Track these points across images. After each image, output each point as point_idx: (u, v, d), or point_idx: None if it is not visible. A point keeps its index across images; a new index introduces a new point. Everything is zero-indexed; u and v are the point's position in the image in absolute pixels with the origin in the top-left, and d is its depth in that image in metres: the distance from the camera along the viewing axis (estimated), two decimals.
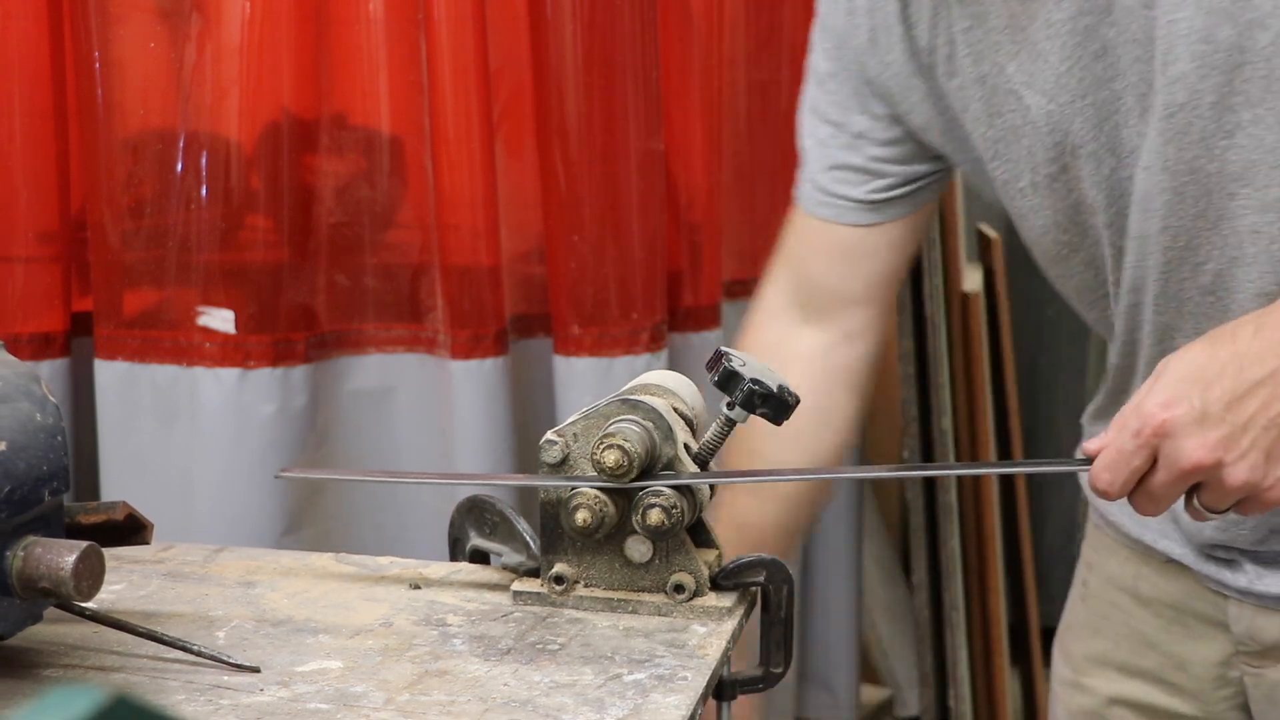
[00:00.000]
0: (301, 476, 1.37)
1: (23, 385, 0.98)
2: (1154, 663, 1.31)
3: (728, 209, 2.13)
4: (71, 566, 0.94)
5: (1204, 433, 0.97)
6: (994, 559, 2.46)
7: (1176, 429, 0.97)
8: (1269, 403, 0.97)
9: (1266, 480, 0.98)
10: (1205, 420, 0.97)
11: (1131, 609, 1.34)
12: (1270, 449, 0.97)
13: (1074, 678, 1.39)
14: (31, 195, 1.75)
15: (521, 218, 1.92)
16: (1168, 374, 1.00)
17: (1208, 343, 1.01)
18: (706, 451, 1.14)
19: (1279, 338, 0.99)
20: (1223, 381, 0.98)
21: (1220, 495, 0.99)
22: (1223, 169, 1.10)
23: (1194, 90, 1.09)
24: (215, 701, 0.96)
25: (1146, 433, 0.98)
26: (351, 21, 1.83)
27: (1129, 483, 1.00)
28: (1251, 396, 0.97)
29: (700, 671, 1.01)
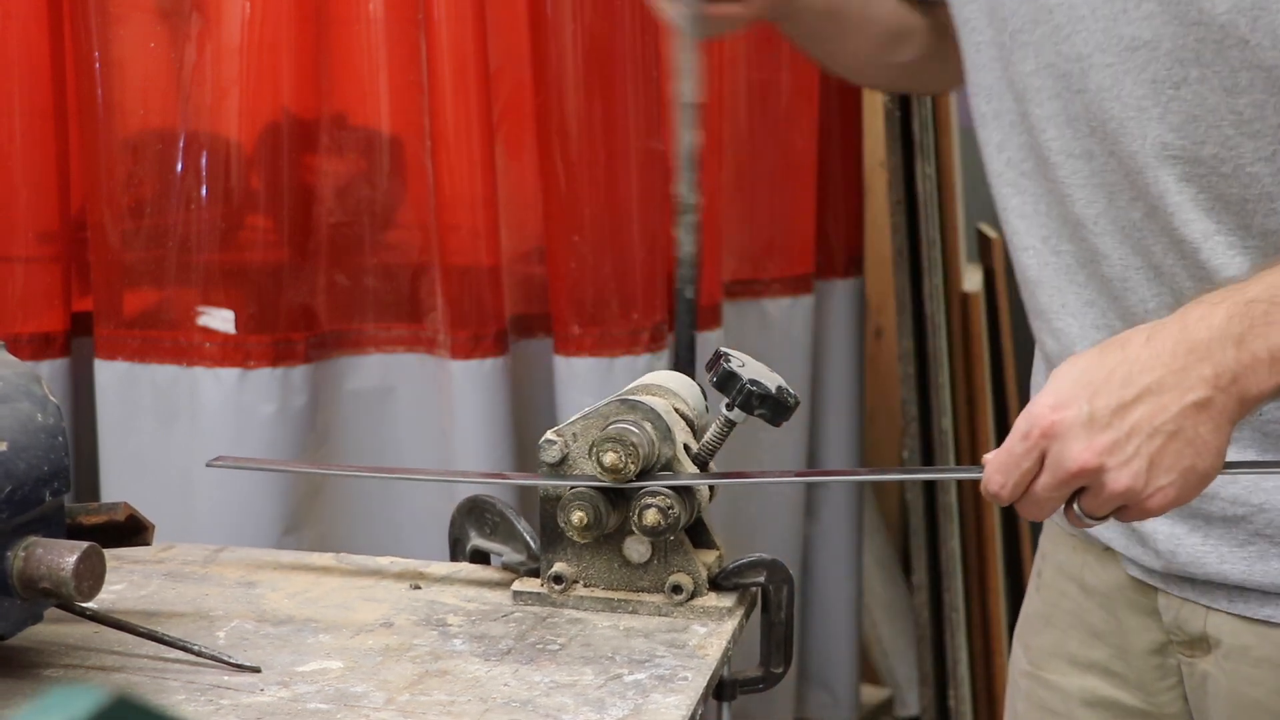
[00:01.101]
0: (234, 467, 1.37)
1: (23, 385, 0.98)
2: (1101, 654, 1.32)
3: (728, 209, 2.13)
4: (72, 567, 0.94)
5: (1091, 437, 0.97)
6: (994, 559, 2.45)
7: (1064, 431, 0.98)
8: (1155, 411, 0.97)
9: (1148, 489, 0.98)
10: (1093, 424, 0.97)
11: (1079, 598, 1.34)
12: (1154, 457, 0.98)
13: (1031, 669, 1.40)
14: (31, 195, 1.75)
15: (521, 218, 1.92)
16: (1058, 378, 1.00)
17: (1099, 350, 1.02)
18: (706, 452, 1.14)
19: (1168, 348, 0.99)
20: (1111, 387, 0.98)
21: (1101, 501, 0.99)
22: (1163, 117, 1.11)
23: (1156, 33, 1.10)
24: (216, 701, 0.96)
25: (1035, 434, 0.99)
26: (351, 21, 1.83)
27: (1020, 485, 1.01)
28: (1139, 404, 0.98)
29: (700, 671, 1.01)
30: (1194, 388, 0.98)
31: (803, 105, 2.21)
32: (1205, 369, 0.98)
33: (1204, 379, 0.98)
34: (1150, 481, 0.98)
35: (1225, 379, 0.98)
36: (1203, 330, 0.99)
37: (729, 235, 2.14)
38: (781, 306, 2.22)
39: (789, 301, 2.22)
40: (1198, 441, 0.98)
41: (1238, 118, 1.09)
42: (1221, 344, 0.98)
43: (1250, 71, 1.08)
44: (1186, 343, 0.99)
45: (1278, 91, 1.08)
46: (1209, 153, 1.11)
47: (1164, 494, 0.99)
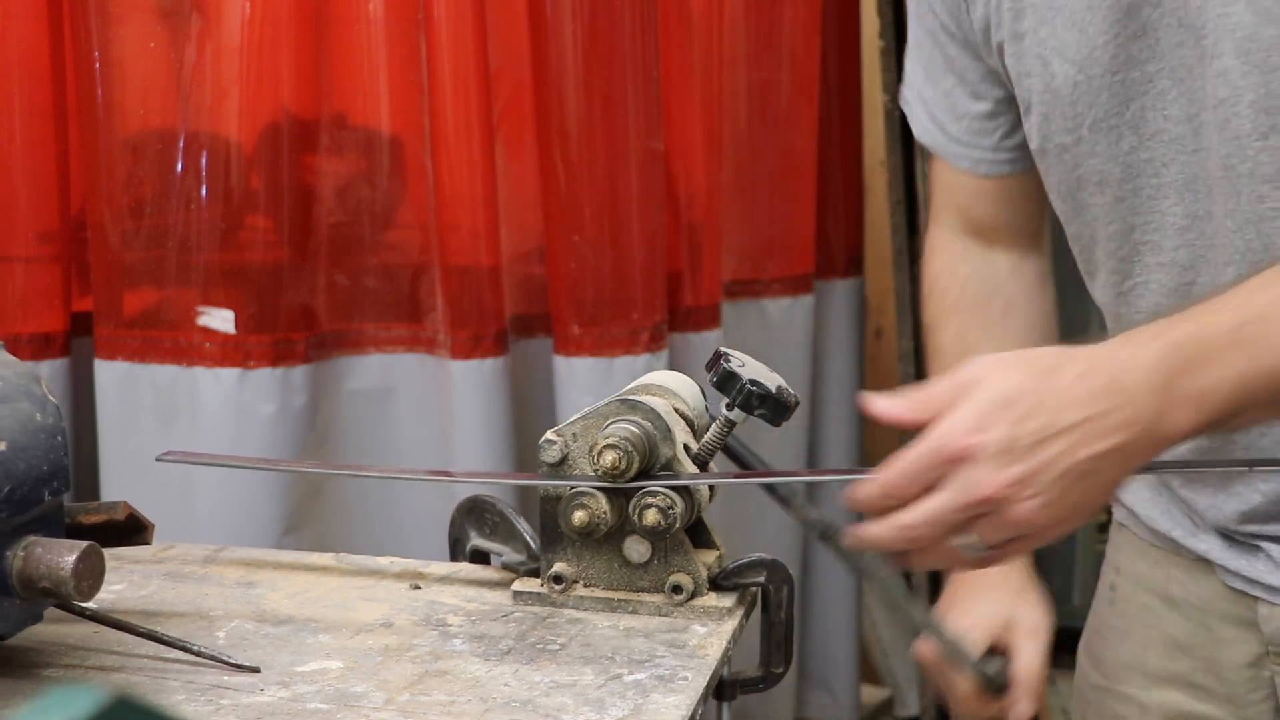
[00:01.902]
0: (185, 461, 1.37)
1: (23, 385, 0.98)
2: (1185, 666, 1.30)
3: (728, 209, 2.13)
4: (72, 566, 0.94)
5: (1006, 467, 0.95)
6: None
7: (978, 456, 0.95)
8: (1072, 449, 0.95)
9: (1040, 524, 0.96)
10: (1010, 454, 0.95)
11: (1162, 612, 1.33)
12: (1059, 496, 0.96)
13: (1106, 684, 1.39)
14: (31, 195, 1.75)
15: (521, 218, 1.92)
16: (980, 394, 0.97)
17: (1028, 370, 0.98)
18: (706, 452, 1.14)
19: (1100, 387, 0.97)
20: (1035, 418, 0.95)
21: (995, 529, 0.97)
22: (1255, 170, 1.10)
23: (1235, 87, 1.09)
24: (215, 701, 0.96)
25: (947, 453, 0.96)
26: (351, 21, 1.83)
27: (906, 496, 0.98)
28: (1058, 440, 0.95)
29: (700, 671, 1.01)
30: (1115, 432, 0.96)
31: (803, 105, 2.21)
32: (1128, 413, 0.96)
33: (1125, 423, 0.96)
34: (1047, 519, 0.96)
35: (1146, 424, 0.97)
36: (1133, 374, 0.97)
37: (729, 235, 2.14)
38: (781, 306, 2.22)
39: (789, 301, 2.22)
40: (1102, 483, 0.97)
41: None
42: (1148, 391, 0.97)
43: None
44: (1118, 384, 0.97)
45: None
46: None
47: (1053, 532, 0.98)
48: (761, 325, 2.20)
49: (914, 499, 0.97)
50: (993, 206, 1.41)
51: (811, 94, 2.21)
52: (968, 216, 1.44)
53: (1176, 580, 1.31)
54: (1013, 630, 1.38)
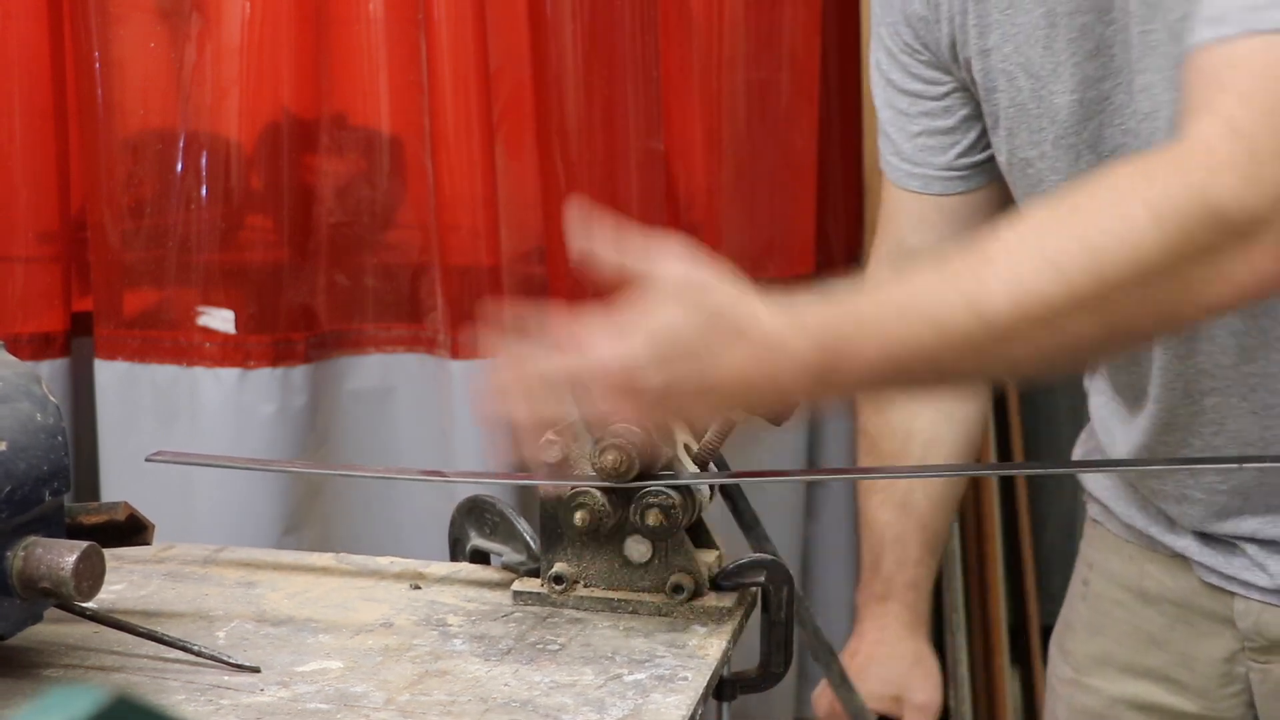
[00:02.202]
0: (174, 462, 1.37)
1: (23, 385, 0.98)
2: (1159, 661, 1.31)
3: (728, 209, 2.13)
4: (72, 566, 0.94)
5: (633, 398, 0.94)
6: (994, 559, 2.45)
7: (623, 390, 0.94)
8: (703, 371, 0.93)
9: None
10: (641, 394, 0.93)
11: (1136, 607, 1.33)
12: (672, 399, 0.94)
13: (1075, 677, 1.39)
14: (31, 195, 1.75)
15: (521, 218, 1.92)
16: (652, 325, 0.95)
17: (705, 320, 0.96)
18: (706, 452, 1.14)
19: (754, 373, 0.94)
20: (689, 371, 0.94)
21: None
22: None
23: (1156, 101, 1.10)
24: (215, 701, 0.96)
25: (589, 370, 0.95)
26: (351, 21, 1.83)
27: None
28: (703, 360, 0.93)
29: (700, 672, 1.01)
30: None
31: (803, 105, 2.21)
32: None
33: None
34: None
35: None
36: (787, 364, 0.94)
37: (729, 235, 2.14)
38: None
39: None
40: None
41: None
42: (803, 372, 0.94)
43: None
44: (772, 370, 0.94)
45: None
46: None
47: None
48: None
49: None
50: (930, 233, 1.39)
51: (811, 94, 2.21)
52: (905, 249, 1.42)
53: (1151, 576, 1.32)
54: (902, 704, 1.40)
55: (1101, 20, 1.14)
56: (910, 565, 1.40)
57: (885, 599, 1.39)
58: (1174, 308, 0.90)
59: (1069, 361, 0.97)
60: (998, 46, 1.22)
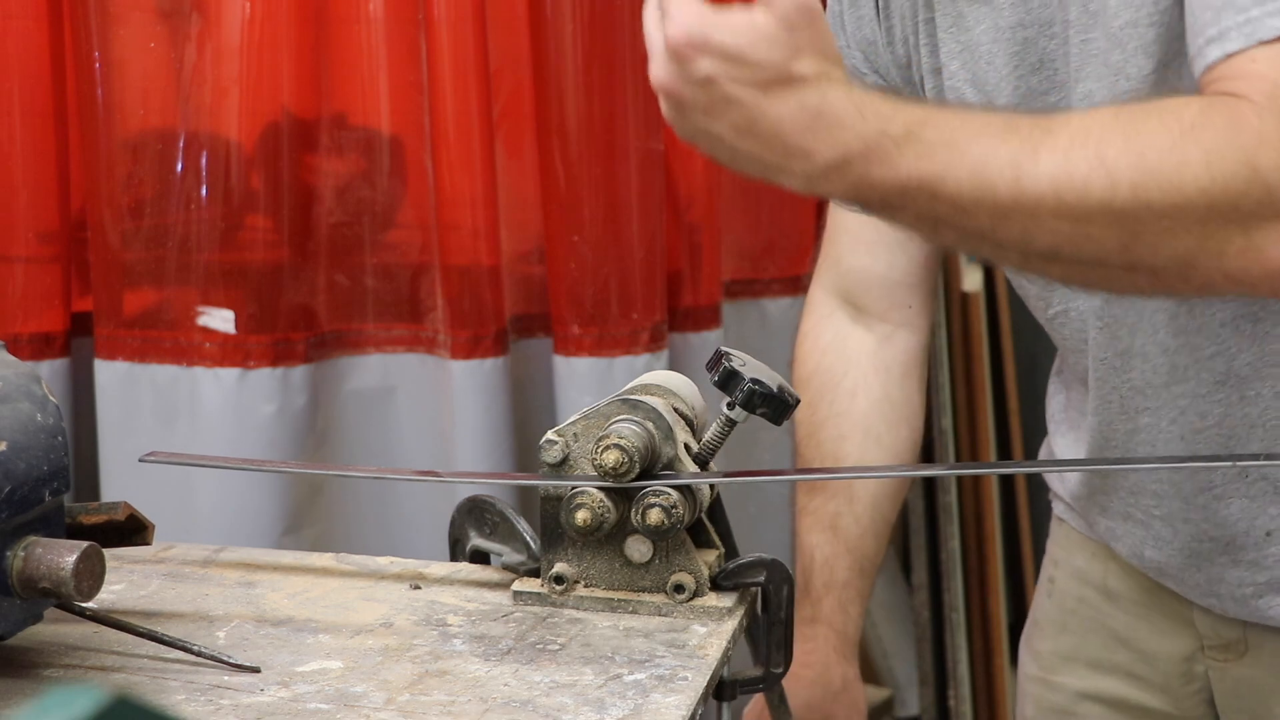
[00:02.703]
0: (168, 462, 1.37)
1: (23, 385, 0.98)
2: (1124, 658, 1.31)
3: (728, 209, 2.13)
4: (72, 566, 0.94)
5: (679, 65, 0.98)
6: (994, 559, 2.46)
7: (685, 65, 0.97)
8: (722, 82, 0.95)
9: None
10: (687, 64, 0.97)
11: (1100, 604, 1.34)
12: (705, 106, 0.96)
13: (1041, 674, 1.40)
14: (31, 195, 1.75)
15: (521, 218, 1.92)
16: (730, 33, 0.95)
17: (769, 44, 0.95)
18: (707, 451, 1.14)
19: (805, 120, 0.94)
20: (741, 71, 0.94)
21: None
22: None
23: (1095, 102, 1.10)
24: (215, 701, 0.96)
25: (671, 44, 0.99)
26: (351, 21, 1.83)
27: None
28: (757, 92, 0.94)
29: (700, 671, 1.01)
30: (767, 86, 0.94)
31: None
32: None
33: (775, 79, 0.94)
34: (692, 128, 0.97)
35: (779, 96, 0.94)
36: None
37: (729, 235, 2.14)
38: (781, 306, 2.21)
39: (789, 301, 2.22)
40: (724, 131, 0.96)
41: None
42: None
43: None
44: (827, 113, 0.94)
45: None
46: None
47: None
48: (761, 325, 2.20)
49: None
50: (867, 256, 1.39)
51: None
52: (842, 271, 1.42)
53: (1114, 574, 1.32)
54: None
55: (1044, 34, 1.14)
56: (838, 588, 1.37)
57: (814, 622, 1.36)
58: (1192, 258, 0.91)
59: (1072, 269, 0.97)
60: (946, 64, 1.22)
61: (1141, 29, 1.06)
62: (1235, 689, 1.24)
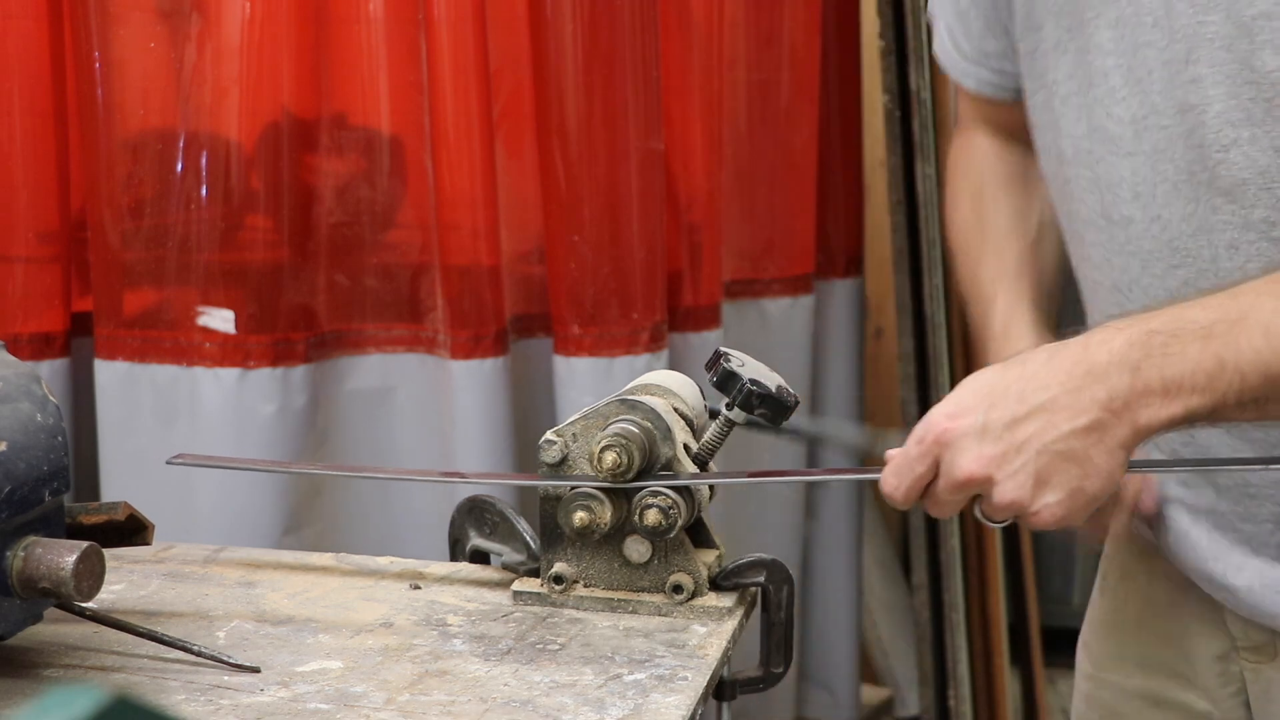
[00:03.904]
0: (194, 465, 1.38)
1: (23, 385, 0.98)
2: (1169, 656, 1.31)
3: (728, 209, 2.13)
4: (72, 566, 0.94)
5: (980, 447, 0.99)
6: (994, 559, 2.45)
7: (956, 440, 1.00)
8: (1045, 429, 0.99)
9: (1033, 504, 1.00)
10: (984, 436, 0.99)
11: (1145, 603, 1.34)
12: (1040, 474, 0.99)
13: (1094, 672, 1.40)
14: (31, 195, 1.75)
15: (521, 218, 1.92)
16: (959, 389, 1.03)
17: (1003, 364, 1.04)
18: (706, 452, 1.14)
19: (1066, 368, 1.00)
20: (1007, 401, 1.00)
21: (993, 508, 1.02)
22: (1212, 181, 1.10)
23: (1206, 96, 1.08)
24: (215, 701, 0.96)
25: (929, 440, 1.01)
26: (351, 21, 1.83)
27: (913, 489, 1.03)
28: (1031, 420, 0.99)
29: (700, 671, 1.01)
30: (1086, 410, 0.98)
31: (803, 105, 2.21)
32: (1099, 392, 0.98)
33: (1097, 401, 0.98)
34: (1036, 498, 1.00)
35: (1118, 404, 0.99)
36: (1102, 354, 1.00)
37: (729, 235, 2.14)
38: (781, 306, 2.22)
39: (789, 301, 2.22)
40: (1087, 463, 0.99)
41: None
42: (1118, 369, 0.99)
43: None
44: (1085, 364, 0.99)
45: None
46: (1259, 216, 1.09)
47: (1050, 511, 1.00)
48: (761, 325, 2.20)
49: (923, 484, 1.03)
50: (1007, 118, 1.41)
51: (811, 94, 2.21)
52: (990, 121, 1.45)
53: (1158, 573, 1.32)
54: None
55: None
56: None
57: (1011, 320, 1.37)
58: None
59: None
60: None
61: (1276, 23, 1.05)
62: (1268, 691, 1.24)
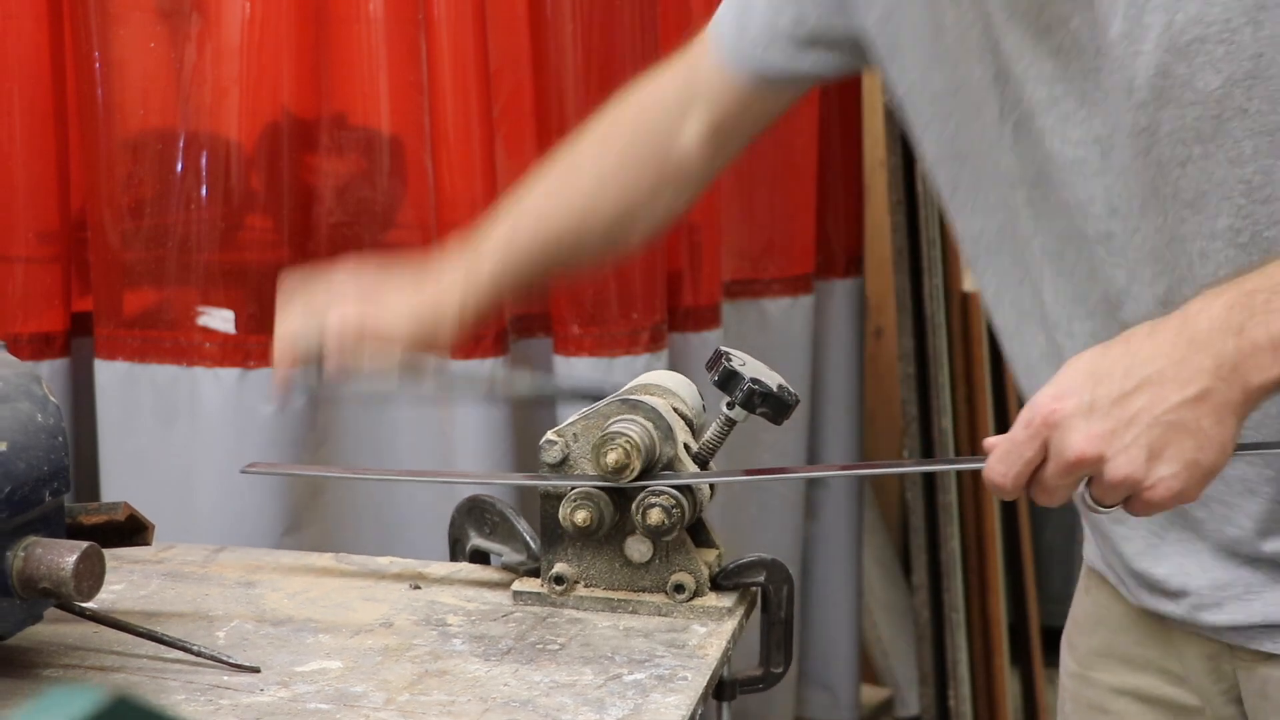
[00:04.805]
0: (268, 473, 1.38)
1: (23, 385, 0.98)
2: (1155, 654, 1.31)
3: (728, 209, 2.13)
4: (72, 567, 0.94)
5: (1090, 425, 0.98)
6: (994, 559, 2.45)
7: (1064, 420, 0.98)
8: (1154, 401, 0.98)
9: (1148, 479, 0.98)
10: (1092, 413, 0.98)
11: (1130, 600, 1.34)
12: (1153, 447, 0.98)
13: (1079, 671, 1.40)
14: (31, 195, 1.75)
15: None
16: (1062, 373, 1.01)
17: (1104, 345, 1.02)
18: (706, 451, 1.14)
19: (1169, 339, 0.99)
20: (1112, 378, 0.99)
21: (1105, 489, 1.00)
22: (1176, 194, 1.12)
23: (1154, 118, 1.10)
24: (215, 701, 0.96)
25: (1036, 423, 0.99)
26: (351, 21, 1.83)
27: (1022, 475, 1.01)
28: (1139, 394, 0.98)
29: (700, 671, 1.01)
30: (1193, 379, 0.97)
31: (803, 105, 2.21)
32: (1205, 360, 0.98)
33: (1204, 370, 0.97)
34: (1151, 471, 0.98)
35: (1225, 369, 0.98)
36: (1203, 321, 0.99)
37: (729, 235, 2.14)
38: (781, 306, 2.22)
39: (789, 301, 2.22)
40: (1199, 434, 0.98)
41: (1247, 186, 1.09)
42: (1221, 334, 0.98)
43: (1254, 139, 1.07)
44: (1187, 334, 0.99)
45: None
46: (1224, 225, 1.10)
47: (1166, 485, 0.98)
48: (761, 325, 2.20)
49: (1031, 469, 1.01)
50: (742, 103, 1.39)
51: (811, 94, 2.21)
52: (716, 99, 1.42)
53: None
54: None
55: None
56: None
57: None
58: None
59: None
60: None
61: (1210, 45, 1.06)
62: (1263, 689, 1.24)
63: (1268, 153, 1.07)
